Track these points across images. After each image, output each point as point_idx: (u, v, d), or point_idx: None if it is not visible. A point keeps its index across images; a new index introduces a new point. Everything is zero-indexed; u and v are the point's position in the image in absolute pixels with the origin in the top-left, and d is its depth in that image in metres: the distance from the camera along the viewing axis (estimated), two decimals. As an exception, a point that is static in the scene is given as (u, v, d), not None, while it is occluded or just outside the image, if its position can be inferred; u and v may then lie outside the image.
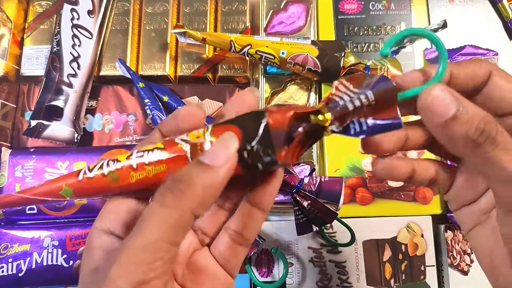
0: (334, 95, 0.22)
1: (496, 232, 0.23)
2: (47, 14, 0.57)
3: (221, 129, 0.21)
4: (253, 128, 0.20)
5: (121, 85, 0.56)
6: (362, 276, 0.49)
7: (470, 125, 0.19)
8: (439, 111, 0.20)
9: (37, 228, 0.48)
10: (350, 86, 0.22)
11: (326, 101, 0.22)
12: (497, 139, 0.20)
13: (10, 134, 0.54)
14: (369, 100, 0.21)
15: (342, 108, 0.21)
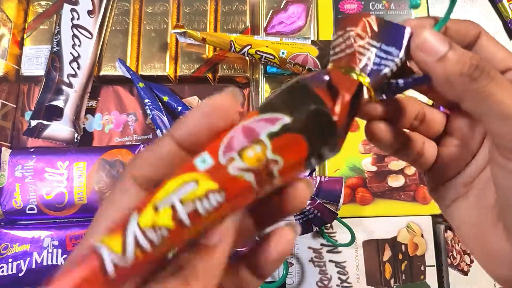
0: (360, 54, 0.21)
1: (480, 199, 0.23)
2: (47, 14, 0.57)
3: (285, 143, 0.17)
4: (318, 130, 0.17)
5: (121, 85, 0.56)
6: (362, 276, 0.49)
7: (464, 62, 0.20)
8: (433, 50, 0.20)
9: (37, 228, 0.48)
10: (369, 40, 0.21)
11: (353, 64, 0.20)
12: (492, 73, 0.20)
13: (10, 134, 0.54)
14: (401, 60, 0.21)
15: (381, 76, 0.21)
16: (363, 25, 0.21)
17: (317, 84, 0.18)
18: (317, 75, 0.19)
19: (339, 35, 0.21)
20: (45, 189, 0.48)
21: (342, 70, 0.20)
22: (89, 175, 0.49)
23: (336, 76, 0.19)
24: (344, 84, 0.19)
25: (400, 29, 0.21)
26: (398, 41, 0.21)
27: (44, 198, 0.48)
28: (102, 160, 0.49)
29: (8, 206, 0.48)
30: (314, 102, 0.17)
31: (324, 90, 0.18)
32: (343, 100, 0.18)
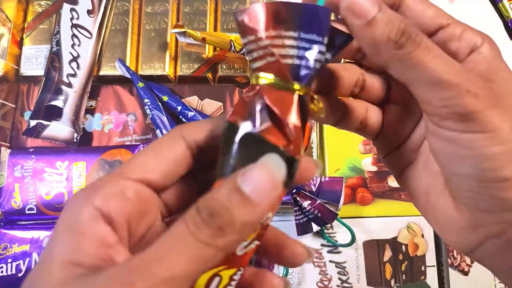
0: (283, 58, 0.19)
1: (428, 166, 0.23)
2: (46, 14, 0.57)
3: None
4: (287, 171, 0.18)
5: (120, 85, 0.56)
6: (363, 276, 0.49)
7: (391, 26, 0.19)
8: (361, 12, 0.19)
9: (36, 228, 0.48)
10: (284, 33, 0.19)
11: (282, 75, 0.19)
12: (418, 39, 0.19)
13: (9, 134, 0.54)
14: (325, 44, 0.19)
15: (315, 72, 0.19)
16: (271, 20, 0.18)
17: (261, 125, 0.18)
18: (253, 105, 0.19)
19: (251, 40, 0.19)
20: (44, 189, 0.48)
21: (273, 86, 0.19)
22: (89, 175, 0.49)
23: (273, 99, 0.18)
24: (286, 108, 0.18)
25: (315, 9, 0.19)
26: (318, 24, 0.19)
27: (43, 198, 0.48)
28: (101, 160, 0.49)
29: (7, 206, 0.48)
30: (269, 151, 0.18)
31: (271, 129, 0.18)
32: (294, 131, 0.18)
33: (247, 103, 0.19)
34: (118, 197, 0.18)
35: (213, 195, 0.17)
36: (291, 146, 0.18)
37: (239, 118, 0.19)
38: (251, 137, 0.18)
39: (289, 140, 0.18)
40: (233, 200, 0.17)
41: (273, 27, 0.18)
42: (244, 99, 0.19)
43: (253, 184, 0.17)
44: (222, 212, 0.16)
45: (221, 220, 0.16)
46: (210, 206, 0.17)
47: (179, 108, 0.51)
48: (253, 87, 0.19)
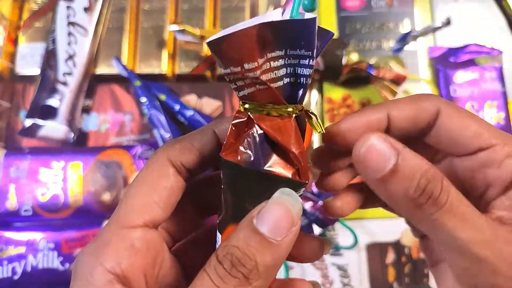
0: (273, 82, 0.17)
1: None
2: (42, 12, 0.57)
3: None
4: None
5: (117, 84, 0.55)
6: (365, 279, 0.49)
7: (410, 182, 0.17)
8: (375, 165, 0.17)
9: (32, 230, 0.47)
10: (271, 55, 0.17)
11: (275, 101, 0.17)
12: (441, 200, 0.17)
13: (4, 134, 0.54)
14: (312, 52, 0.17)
15: (305, 91, 0.18)
16: (254, 47, 0.16)
17: (264, 159, 0.17)
18: (250, 138, 0.18)
19: (235, 71, 0.17)
20: (40, 190, 0.47)
21: (266, 112, 0.17)
22: (85, 176, 0.48)
23: (271, 128, 0.17)
24: (287, 135, 0.17)
25: (299, 23, 0.16)
26: (305, 38, 0.16)
27: (39, 199, 0.47)
28: (98, 161, 0.49)
29: (2, 208, 0.47)
30: (279, 184, 0.17)
31: (277, 162, 0.17)
32: (301, 158, 0.17)
33: (242, 136, 0.18)
34: (128, 253, 0.18)
35: (231, 242, 0.16)
36: (300, 173, 0.18)
37: (238, 155, 0.17)
38: (258, 174, 0.17)
39: (297, 168, 0.18)
40: (253, 245, 0.16)
41: (260, 54, 0.16)
42: (237, 130, 0.18)
43: (270, 223, 0.16)
44: (245, 260, 0.16)
45: (245, 268, 0.16)
46: (231, 254, 0.16)
47: (177, 107, 0.51)
48: (242, 115, 0.18)
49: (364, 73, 0.51)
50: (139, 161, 0.49)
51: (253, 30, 0.16)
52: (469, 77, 0.53)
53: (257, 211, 0.17)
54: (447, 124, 0.19)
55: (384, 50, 0.55)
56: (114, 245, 0.18)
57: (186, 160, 0.20)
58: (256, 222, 0.16)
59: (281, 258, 0.17)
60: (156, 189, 0.19)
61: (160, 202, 0.19)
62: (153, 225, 0.19)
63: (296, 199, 0.17)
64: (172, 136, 0.49)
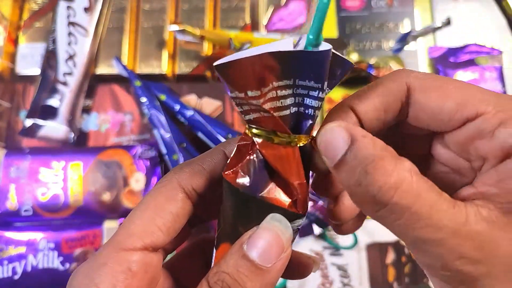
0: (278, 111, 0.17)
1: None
2: (42, 12, 0.57)
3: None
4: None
5: (117, 84, 0.55)
6: (365, 279, 0.48)
7: (352, 174, 0.15)
8: (330, 154, 0.16)
9: (32, 230, 0.47)
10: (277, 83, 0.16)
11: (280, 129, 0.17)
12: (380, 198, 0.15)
13: (5, 134, 0.54)
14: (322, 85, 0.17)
15: (314, 120, 0.17)
16: (259, 76, 0.16)
17: (261, 185, 0.17)
18: (251, 163, 0.17)
19: (239, 96, 0.16)
20: (40, 190, 0.47)
21: (269, 139, 0.17)
22: (85, 176, 0.48)
23: (273, 157, 0.17)
24: (288, 165, 0.17)
25: (310, 55, 0.16)
26: (315, 70, 0.16)
27: (39, 199, 0.47)
28: (98, 161, 0.48)
29: (2, 208, 0.47)
30: (273, 212, 0.17)
31: (274, 191, 0.17)
32: (300, 189, 0.17)
33: (245, 160, 0.18)
34: (124, 276, 0.17)
35: (222, 267, 0.16)
36: (298, 205, 0.17)
37: (236, 176, 0.17)
38: (253, 200, 0.17)
39: (294, 199, 0.17)
40: (243, 271, 0.16)
41: (264, 83, 0.16)
42: (241, 152, 0.18)
43: (260, 250, 0.16)
44: (235, 286, 0.16)
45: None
46: (222, 281, 0.16)
47: (177, 107, 0.51)
48: (248, 138, 0.18)
49: (364, 73, 0.51)
50: (139, 161, 0.49)
51: (259, 59, 0.15)
52: (469, 77, 0.53)
53: (247, 236, 0.17)
54: (423, 100, 0.17)
55: (384, 50, 0.55)
56: (111, 267, 0.17)
57: (197, 184, 0.19)
58: (246, 248, 0.16)
59: (271, 284, 0.17)
60: (161, 213, 0.19)
61: (163, 226, 0.19)
62: (153, 248, 0.19)
63: (286, 225, 0.17)
64: (172, 136, 0.49)
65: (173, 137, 0.49)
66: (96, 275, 0.17)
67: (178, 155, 0.48)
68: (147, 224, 0.18)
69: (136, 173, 0.48)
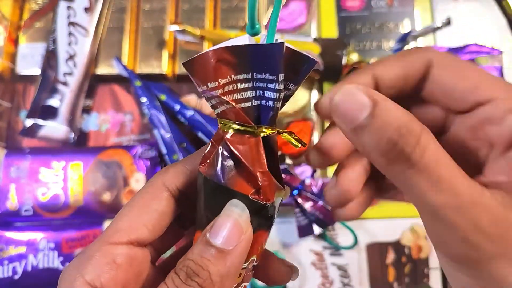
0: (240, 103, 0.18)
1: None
2: (43, 12, 0.57)
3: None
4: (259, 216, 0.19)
5: (118, 84, 0.55)
6: (365, 279, 0.48)
7: (382, 135, 0.15)
8: (350, 114, 0.16)
9: (33, 229, 0.47)
10: (236, 77, 0.18)
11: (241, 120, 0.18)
12: (414, 158, 0.15)
13: (5, 134, 0.54)
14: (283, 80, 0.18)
15: (276, 111, 0.18)
16: (218, 68, 0.17)
17: (226, 174, 0.19)
18: (219, 153, 0.19)
19: (205, 90, 0.18)
20: (40, 190, 0.47)
21: (233, 130, 0.18)
22: (85, 176, 0.48)
23: (235, 145, 0.18)
24: (251, 154, 0.18)
25: (263, 48, 0.17)
26: (270, 63, 0.17)
27: (39, 199, 0.47)
28: (98, 161, 0.48)
29: (3, 208, 0.47)
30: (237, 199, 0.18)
31: (236, 178, 0.18)
32: (262, 177, 0.18)
33: (214, 151, 0.19)
34: (109, 267, 0.18)
35: (188, 255, 0.18)
36: (261, 192, 0.18)
37: (207, 166, 0.19)
38: (219, 188, 0.19)
39: (258, 187, 0.18)
40: (206, 256, 0.17)
41: (221, 75, 0.18)
42: (213, 145, 0.19)
43: (221, 235, 0.17)
44: (199, 271, 0.17)
45: (199, 278, 0.17)
46: (187, 267, 0.17)
47: (177, 107, 0.51)
48: (220, 132, 0.19)
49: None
50: (139, 161, 0.49)
51: (215, 52, 0.17)
52: (469, 77, 0.53)
53: (210, 226, 0.18)
54: (440, 76, 0.17)
55: (384, 50, 0.55)
56: (96, 260, 0.18)
57: (181, 183, 0.21)
58: (209, 235, 0.17)
59: (235, 266, 0.17)
60: (147, 211, 0.20)
61: (149, 223, 0.20)
62: (138, 244, 0.20)
63: (242, 208, 0.18)
64: (172, 136, 0.49)
65: (173, 137, 0.49)
66: (83, 267, 0.18)
67: (178, 155, 0.48)
68: (133, 220, 0.20)
69: (136, 173, 0.48)
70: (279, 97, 0.18)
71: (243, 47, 0.17)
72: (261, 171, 0.18)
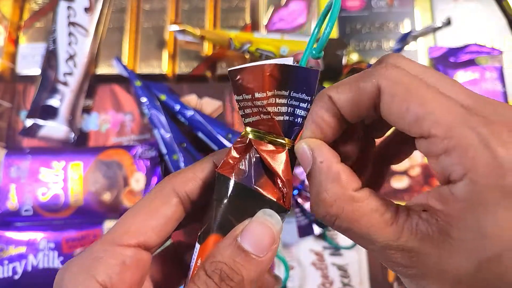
0: (276, 115, 0.20)
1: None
2: (43, 12, 0.57)
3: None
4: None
5: (118, 84, 0.55)
6: (365, 279, 0.48)
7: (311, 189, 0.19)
8: (303, 165, 0.19)
9: (33, 229, 0.47)
10: (277, 92, 0.20)
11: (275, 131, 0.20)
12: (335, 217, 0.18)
13: (5, 134, 0.54)
14: (311, 98, 0.20)
15: (300, 129, 0.20)
16: (266, 81, 0.19)
17: (256, 178, 0.20)
18: (247, 158, 0.20)
19: (247, 99, 0.20)
20: (40, 190, 0.47)
21: (266, 140, 0.20)
22: (86, 176, 0.48)
23: (267, 154, 0.20)
24: (279, 163, 0.20)
25: (305, 71, 0.19)
26: (307, 85, 0.20)
27: (39, 199, 0.47)
28: (98, 161, 0.48)
29: (3, 208, 0.47)
30: (263, 204, 0.20)
31: (266, 183, 0.20)
32: (287, 185, 0.20)
33: (240, 156, 0.20)
34: (119, 269, 0.19)
35: (218, 258, 0.18)
36: (285, 199, 0.20)
37: (232, 171, 0.20)
38: (247, 191, 0.20)
39: (283, 193, 0.20)
40: (239, 261, 0.18)
41: (269, 88, 0.19)
42: (236, 151, 0.20)
43: (253, 241, 0.18)
44: (232, 275, 0.18)
45: (233, 282, 0.17)
46: (220, 270, 0.18)
47: (177, 107, 0.51)
48: (245, 139, 0.20)
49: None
50: (139, 161, 0.49)
51: (267, 67, 0.19)
52: (469, 77, 0.53)
53: (240, 229, 0.18)
54: (387, 105, 0.17)
55: (384, 50, 0.55)
56: (106, 260, 0.19)
57: (190, 190, 0.21)
58: (241, 240, 0.18)
59: (263, 272, 0.18)
60: (156, 216, 0.20)
61: (156, 228, 0.20)
62: (145, 247, 0.20)
63: (277, 220, 0.19)
64: (172, 136, 0.49)
65: (173, 137, 0.49)
66: (92, 268, 0.18)
67: (178, 155, 0.48)
68: (142, 224, 0.20)
69: (136, 173, 0.48)
70: (306, 116, 0.20)
71: (291, 67, 0.19)
72: (287, 179, 0.20)
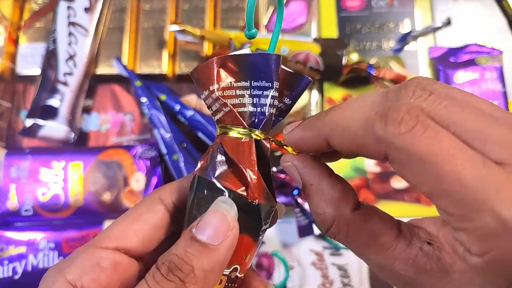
0: (237, 107, 0.19)
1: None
2: (43, 12, 0.57)
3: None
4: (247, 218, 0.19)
5: (118, 84, 0.55)
6: (365, 279, 0.48)
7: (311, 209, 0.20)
8: (295, 180, 0.20)
9: (33, 229, 0.47)
10: (236, 84, 0.20)
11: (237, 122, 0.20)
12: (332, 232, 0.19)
13: (5, 134, 0.54)
14: (278, 89, 0.20)
15: (269, 116, 0.20)
16: (219, 74, 0.20)
17: (217, 171, 0.19)
18: (212, 154, 0.20)
19: (207, 95, 0.20)
20: (40, 190, 0.47)
21: (229, 133, 0.20)
22: (86, 176, 0.48)
23: (229, 146, 0.19)
24: (243, 154, 0.19)
25: (262, 57, 0.19)
26: (266, 71, 0.19)
27: (39, 199, 0.47)
28: (98, 161, 0.48)
29: (3, 208, 0.47)
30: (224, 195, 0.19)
31: (227, 175, 0.19)
32: (252, 175, 0.19)
33: (208, 152, 0.20)
34: (92, 269, 0.19)
35: (171, 250, 0.17)
36: (249, 191, 0.19)
37: (201, 167, 0.20)
38: (208, 184, 0.19)
39: (247, 184, 0.19)
40: (191, 251, 0.17)
41: (223, 80, 0.20)
42: (208, 150, 0.20)
43: (207, 230, 0.17)
44: (181, 265, 0.17)
45: (181, 273, 0.17)
46: (169, 261, 0.17)
47: (177, 107, 0.51)
48: (216, 138, 0.20)
49: (364, 73, 0.51)
50: (139, 161, 0.49)
51: (217, 59, 0.19)
52: (469, 77, 0.53)
53: (197, 221, 0.18)
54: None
55: (384, 50, 0.55)
56: (80, 261, 0.19)
57: (176, 198, 0.21)
58: (195, 231, 0.17)
59: (220, 262, 0.17)
60: (138, 221, 0.20)
61: (139, 233, 0.20)
62: (125, 251, 0.20)
63: (231, 204, 0.18)
64: (172, 136, 0.49)
65: (173, 137, 0.49)
66: (66, 267, 0.18)
67: (178, 155, 0.48)
68: (124, 229, 0.20)
69: (136, 173, 0.48)
70: (273, 103, 0.19)
71: (243, 56, 0.19)
72: (250, 169, 0.19)
